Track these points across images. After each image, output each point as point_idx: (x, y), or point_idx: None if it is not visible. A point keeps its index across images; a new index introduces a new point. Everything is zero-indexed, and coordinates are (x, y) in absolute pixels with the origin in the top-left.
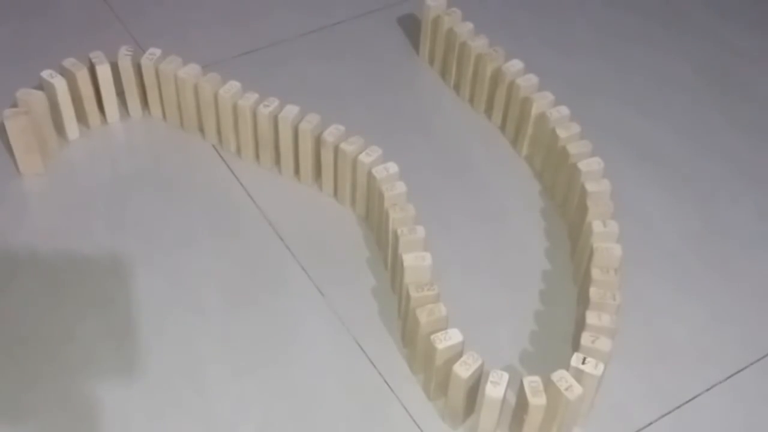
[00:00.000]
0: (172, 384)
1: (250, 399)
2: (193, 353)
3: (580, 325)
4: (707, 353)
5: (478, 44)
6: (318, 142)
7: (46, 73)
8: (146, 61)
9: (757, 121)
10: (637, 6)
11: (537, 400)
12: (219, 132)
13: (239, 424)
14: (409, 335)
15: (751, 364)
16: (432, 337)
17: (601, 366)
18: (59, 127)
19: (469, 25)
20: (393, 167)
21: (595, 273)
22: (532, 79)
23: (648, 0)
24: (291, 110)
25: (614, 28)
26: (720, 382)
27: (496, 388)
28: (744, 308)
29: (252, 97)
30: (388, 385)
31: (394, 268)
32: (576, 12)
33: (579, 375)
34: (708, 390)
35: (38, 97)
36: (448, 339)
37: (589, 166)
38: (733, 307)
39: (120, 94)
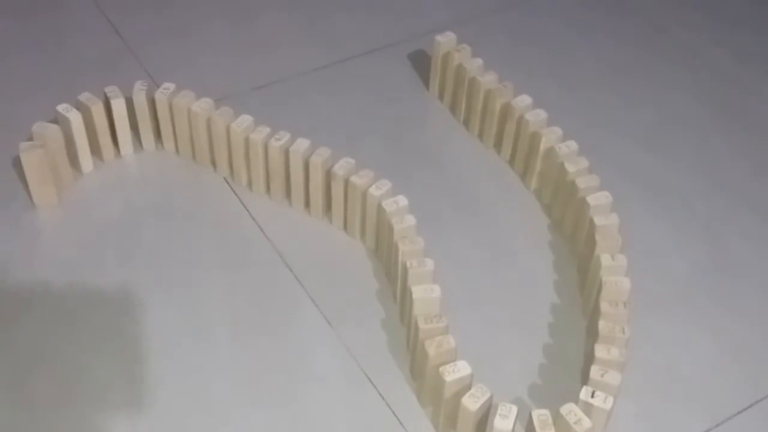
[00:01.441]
0: (182, 417)
1: (259, 431)
2: (203, 385)
3: (590, 358)
4: (717, 388)
5: (488, 80)
6: (328, 176)
7: (62, 107)
8: (160, 96)
9: (764, 154)
10: (643, 42)
11: None
12: (231, 165)
13: None
14: (418, 367)
15: (761, 399)
16: (441, 369)
17: (611, 400)
18: (74, 159)
19: (479, 61)
20: (402, 200)
21: (604, 306)
22: (541, 114)
23: (655, 36)
24: (302, 144)
25: (621, 64)
26: (729, 418)
27: (504, 421)
28: (754, 343)
29: (264, 130)
30: (396, 417)
31: (403, 301)
32: (584, 48)
33: (588, 409)
34: (717, 426)
35: (54, 131)
36: (456, 371)
37: (598, 200)
38: (743, 342)
39: (134, 127)
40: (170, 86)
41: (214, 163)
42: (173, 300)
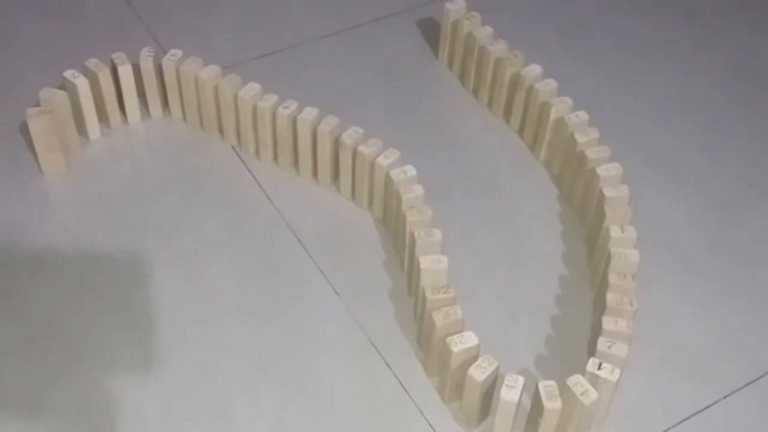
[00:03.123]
0: (190, 383)
1: (266, 400)
2: (210, 353)
3: (597, 330)
4: (724, 360)
5: (497, 48)
6: (336, 145)
7: (68, 73)
8: (167, 62)
9: None
10: (657, 14)
11: (552, 404)
12: (238, 133)
13: (255, 425)
14: (425, 338)
15: (766, 373)
16: (448, 339)
17: (617, 371)
18: (81, 126)
19: (488, 30)
20: (411, 170)
21: (612, 278)
22: (551, 83)
23: (668, 9)
24: (310, 112)
25: (634, 36)
26: (737, 390)
27: (511, 392)
28: (761, 316)
29: (271, 98)
30: (403, 387)
31: (411, 271)
32: (596, 18)
33: (595, 380)
34: (725, 398)
35: (61, 97)
36: (463, 342)
37: (608, 171)
38: (750, 315)
39: (141, 94)
40: (177, 53)
41: (221, 131)
42: (181, 268)
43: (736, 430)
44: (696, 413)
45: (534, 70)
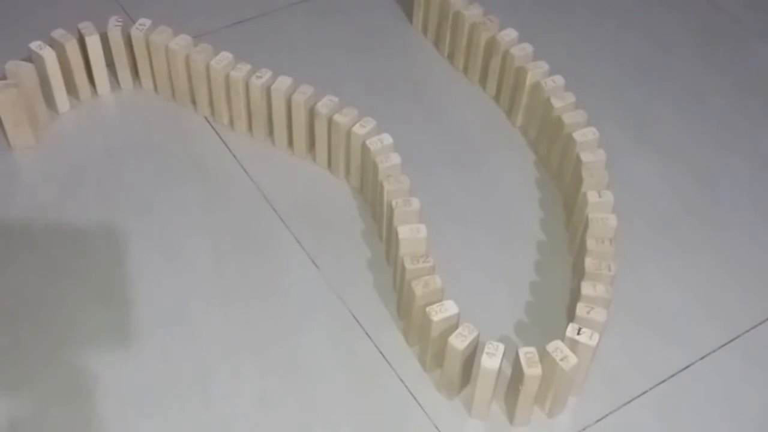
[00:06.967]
0: (169, 359)
1: (246, 373)
2: (187, 326)
3: (575, 295)
4: (701, 323)
5: (472, 13)
6: (311, 114)
7: (35, 45)
8: (136, 32)
9: (754, 92)
10: None
11: (533, 370)
12: (211, 104)
13: (236, 399)
14: (405, 307)
15: (745, 332)
16: (427, 309)
17: (596, 336)
18: (49, 99)
19: None
20: (387, 139)
21: (590, 243)
22: (527, 48)
23: None
24: (284, 81)
25: (607, 1)
26: (713, 351)
27: (491, 360)
28: (737, 278)
29: (244, 68)
30: (383, 356)
31: (389, 240)
32: None
33: (574, 345)
34: (701, 359)
35: (27, 69)
36: (443, 311)
37: (584, 136)
38: (727, 277)
39: (110, 65)
40: (146, 22)
41: (194, 102)
42: (155, 240)
43: (713, 390)
44: (673, 375)
45: (509, 34)
